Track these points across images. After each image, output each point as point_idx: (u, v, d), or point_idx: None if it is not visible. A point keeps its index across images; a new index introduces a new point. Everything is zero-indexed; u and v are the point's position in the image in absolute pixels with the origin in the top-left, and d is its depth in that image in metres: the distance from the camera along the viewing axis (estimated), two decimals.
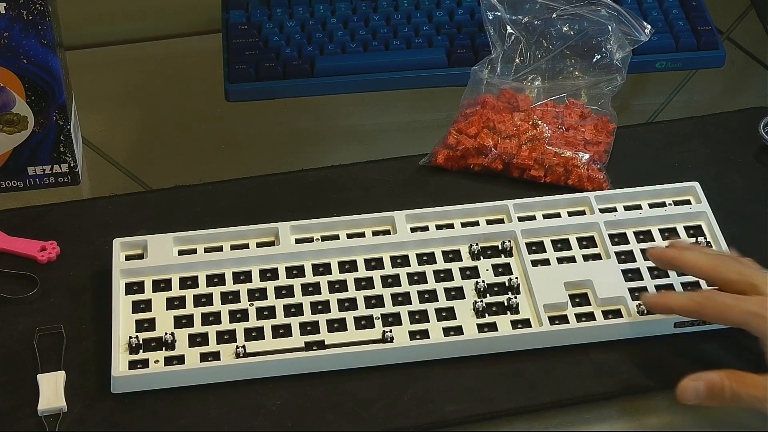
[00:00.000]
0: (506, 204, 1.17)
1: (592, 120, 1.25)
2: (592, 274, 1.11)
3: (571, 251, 1.14)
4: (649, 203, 1.17)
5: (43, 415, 1.03)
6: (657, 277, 1.11)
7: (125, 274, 1.12)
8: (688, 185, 1.18)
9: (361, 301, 1.10)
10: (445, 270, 1.12)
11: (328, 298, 1.10)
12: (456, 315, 1.09)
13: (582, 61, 1.28)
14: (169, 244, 1.13)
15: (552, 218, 1.16)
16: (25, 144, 1.22)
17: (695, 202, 1.17)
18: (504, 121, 1.23)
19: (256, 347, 1.06)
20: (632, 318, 1.08)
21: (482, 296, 1.10)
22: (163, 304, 1.10)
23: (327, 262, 1.13)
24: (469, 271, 1.12)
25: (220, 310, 1.09)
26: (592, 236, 1.15)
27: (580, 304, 1.10)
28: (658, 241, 1.14)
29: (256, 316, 1.09)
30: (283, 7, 1.40)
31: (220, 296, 1.10)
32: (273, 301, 1.10)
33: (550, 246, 1.14)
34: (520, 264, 1.12)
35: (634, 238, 1.14)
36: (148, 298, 1.10)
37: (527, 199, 1.18)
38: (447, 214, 1.16)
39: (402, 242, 1.14)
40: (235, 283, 1.11)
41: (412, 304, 1.10)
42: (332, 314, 1.09)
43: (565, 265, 1.12)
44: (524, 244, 1.13)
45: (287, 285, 1.11)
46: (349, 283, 1.11)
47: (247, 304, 1.09)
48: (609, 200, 1.18)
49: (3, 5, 1.15)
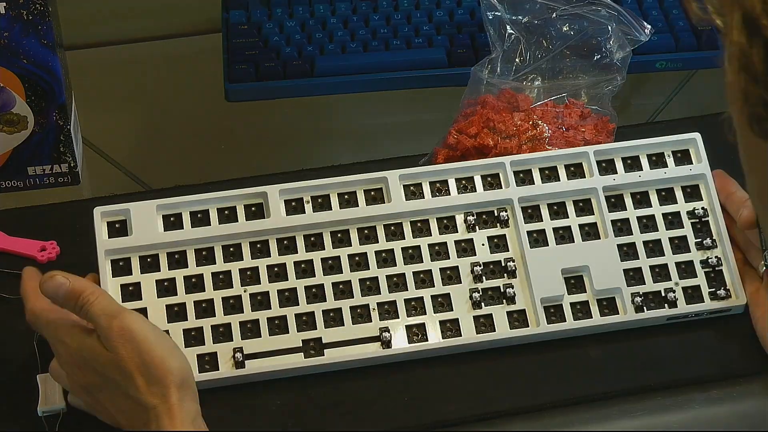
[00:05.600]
0: (503, 161, 1.14)
1: (592, 120, 1.25)
2: (589, 259, 1.10)
3: (567, 219, 1.12)
4: (647, 154, 1.15)
5: (43, 415, 1.03)
6: (653, 254, 1.11)
7: (110, 253, 1.09)
8: (688, 137, 1.16)
9: (356, 286, 1.08)
10: (440, 243, 1.10)
11: (322, 281, 1.08)
12: (452, 304, 1.08)
13: (582, 61, 1.28)
14: (153, 212, 1.10)
15: (550, 181, 1.14)
16: (25, 144, 1.22)
17: (695, 156, 1.15)
18: (504, 121, 1.23)
19: (254, 347, 1.06)
20: (627, 316, 1.08)
21: (478, 281, 1.09)
22: (153, 290, 1.08)
23: (319, 233, 1.10)
24: (465, 244, 1.11)
25: (212, 298, 1.07)
26: (589, 199, 1.13)
27: (576, 290, 1.09)
28: (654, 207, 1.13)
29: (251, 306, 1.07)
30: (283, 7, 1.40)
31: (211, 278, 1.08)
32: (267, 285, 1.08)
33: (547, 215, 1.12)
34: (517, 238, 1.11)
35: (631, 204, 1.13)
36: (136, 281, 1.08)
37: (525, 155, 1.15)
38: (442, 172, 1.14)
39: (396, 213, 1.11)
40: (226, 260, 1.09)
41: (408, 291, 1.08)
42: (328, 303, 1.07)
43: (562, 247, 1.11)
44: (521, 213, 1.11)
45: (280, 263, 1.09)
46: (343, 262, 1.09)
47: (241, 290, 1.08)
48: (607, 154, 1.15)
49: (3, 5, 1.15)
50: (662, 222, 1.13)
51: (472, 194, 1.13)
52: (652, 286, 1.10)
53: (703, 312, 1.09)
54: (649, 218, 1.13)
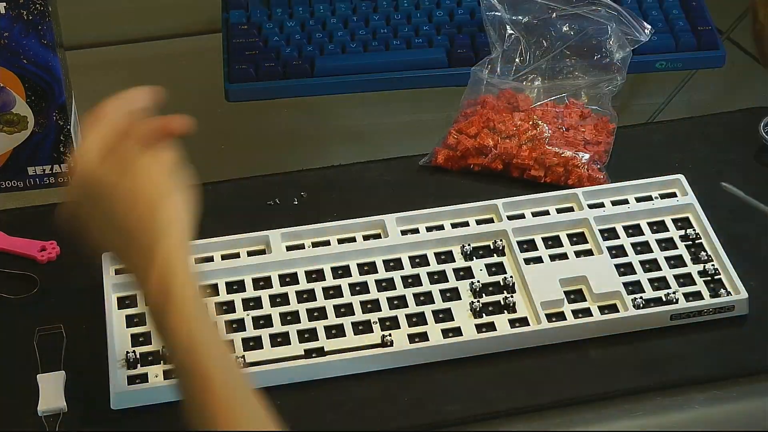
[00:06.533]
0: (495, 203, 1.17)
1: (592, 120, 1.25)
2: (586, 270, 1.11)
3: (563, 248, 1.14)
4: (635, 197, 1.18)
5: (43, 415, 1.03)
6: (649, 270, 1.11)
7: (117, 288, 1.10)
8: (672, 178, 1.18)
9: (357, 306, 1.09)
10: (439, 272, 1.12)
11: (324, 304, 1.09)
12: (453, 316, 1.09)
13: (582, 61, 1.28)
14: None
15: (542, 215, 1.16)
16: (26, 144, 1.22)
17: (681, 194, 1.17)
18: (504, 121, 1.23)
19: (256, 356, 1.06)
20: (628, 312, 1.08)
21: (478, 296, 1.10)
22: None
23: (320, 269, 1.12)
24: (463, 271, 1.12)
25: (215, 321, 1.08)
26: (582, 232, 1.15)
27: (576, 300, 1.10)
28: (647, 235, 1.14)
29: (253, 325, 1.08)
30: (283, 7, 1.40)
31: (214, 307, 1.09)
32: (269, 309, 1.09)
33: (541, 243, 1.14)
34: (514, 263, 1.12)
35: (624, 233, 1.15)
36: (141, 311, 1.09)
37: (516, 197, 1.17)
38: (437, 215, 1.16)
39: (394, 246, 1.13)
40: (229, 293, 1.11)
41: (409, 307, 1.09)
42: (330, 320, 1.08)
43: (558, 262, 1.12)
44: (516, 243, 1.13)
45: (281, 293, 1.10)
46: (344, 289, 1.11)
47: (243, 314, 1.09)
48: (596, 196, 1.18)
49: (3, 5, 1.15)
50: (656, 246, 1.14)
51: (467, 228, 1.15)
52: (652, 293, 1.10)
53: (706, 308, 1.09)
54: (643, 244, 1.14)
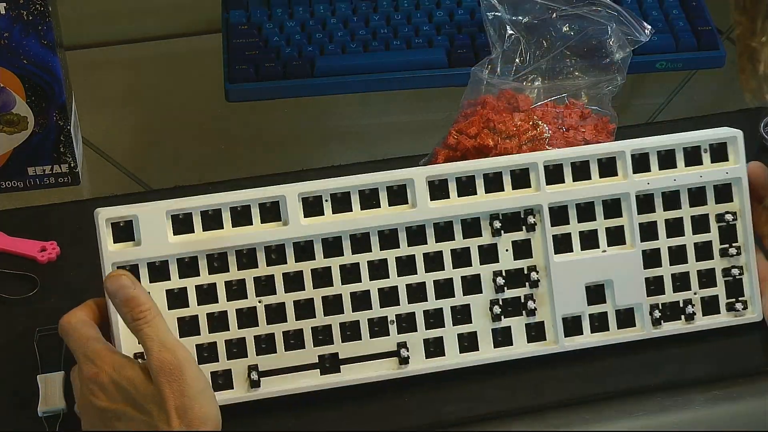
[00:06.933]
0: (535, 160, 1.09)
1: (592, 120, 1.25)
2: (612, 272, 1.09)
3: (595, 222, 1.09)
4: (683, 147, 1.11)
5: (43, 415, 1.03)
6: (675, 262, 1.10)
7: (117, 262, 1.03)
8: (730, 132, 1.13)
9: (375, 295, 1.05)
10: (463, 248, 1.07)
11: (340, 291, 1.05)
12: (471, 317, 1.07)
13: (582, 61, 1.28)
14: (162, 216, 1.03)
15: (581, 180, 1.10)
16: (26, 144, 1.23)
17: (732, 156, 1.12)
18: (504, 122, 1.23)
19: (269, 364, 1.04)
20: (644, 332, 1.08)
21: (500, 291, 1.07)
22: (163, 300, 1.03)
23: (338, 236, 1.05)
24: (488, 249, 1.08)
25: (226, 310, 1.04)
26: (618, 199, 1.10)
27: (597, 301, 1.08)
28: (684, 208, 1.11)
29: (266, 319, 1.04)
30: (283, 7, 1.40)
31: (224, 287, 1.04)
32: (282, 296, 1.04)
33: (575, 216, 1.09)
34: (542, 244, 1.08)
35: (661, 203, 1.10)
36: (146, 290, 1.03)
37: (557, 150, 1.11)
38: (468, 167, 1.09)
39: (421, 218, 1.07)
40: (240, 267, 1.04)
41: (428, 301, 1.07)
42: (345, 316, 1.05)
43: (587, 258, 1.09)
44: (548, 217, 1.08)
45: (296, 270, 1.05)
46: (362, 269, 1.06)
47: (255, 301, 1.04)
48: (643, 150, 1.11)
49: (3, 5, 1.15)
50: (689, 226, 1.11)
51: (500, 194, 1.09)
52: (672, 296, 1.09)
53: (718, 324, 1.10)
54: (676, 220, 1.11)
